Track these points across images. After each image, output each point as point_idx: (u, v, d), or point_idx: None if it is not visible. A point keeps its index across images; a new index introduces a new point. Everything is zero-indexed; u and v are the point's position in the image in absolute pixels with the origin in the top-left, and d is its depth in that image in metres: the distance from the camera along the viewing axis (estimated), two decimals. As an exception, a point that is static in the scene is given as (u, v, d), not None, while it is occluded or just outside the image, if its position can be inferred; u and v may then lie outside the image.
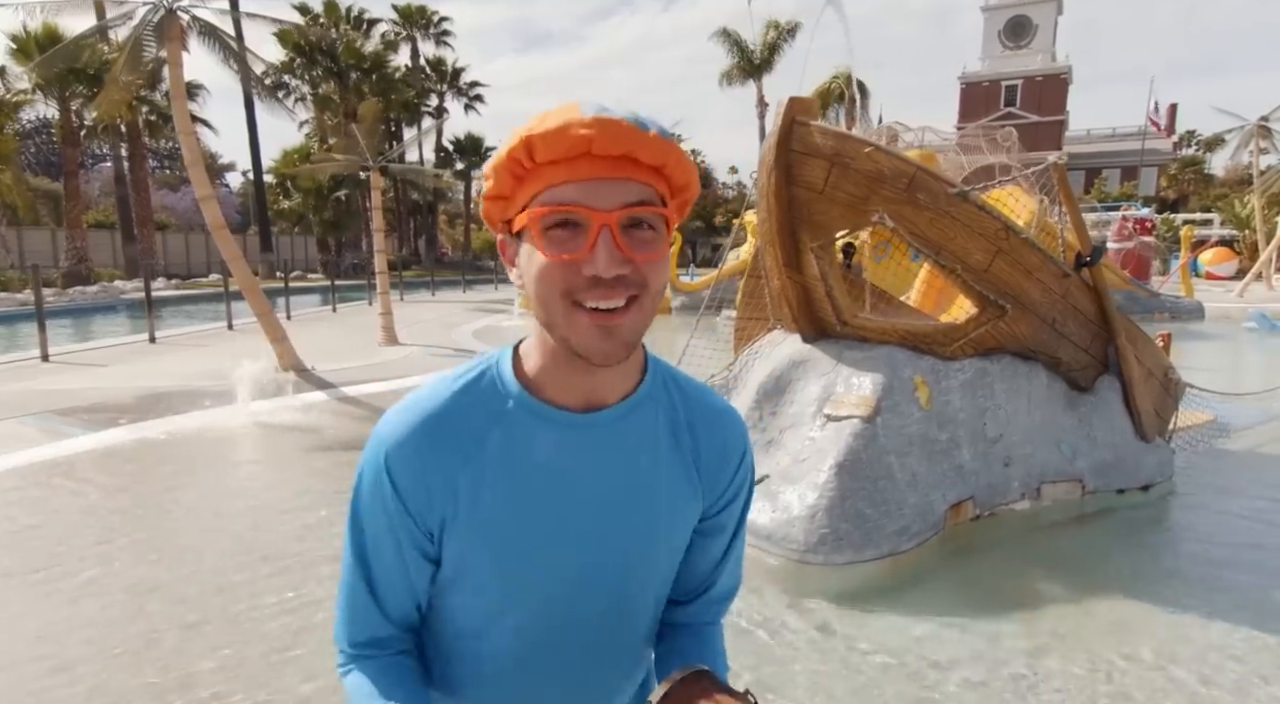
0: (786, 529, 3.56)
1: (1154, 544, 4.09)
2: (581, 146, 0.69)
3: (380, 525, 0.82)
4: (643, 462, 0.85)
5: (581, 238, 0.70)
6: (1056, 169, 4.23)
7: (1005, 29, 53.48)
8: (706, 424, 0.90)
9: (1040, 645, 2.96)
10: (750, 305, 5.21)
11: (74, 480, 5.02)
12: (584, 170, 0.70)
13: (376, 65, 36.41)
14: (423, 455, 0.79)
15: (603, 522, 0.84)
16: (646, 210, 0.72)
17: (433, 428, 0.80)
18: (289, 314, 16.16)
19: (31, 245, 27.92)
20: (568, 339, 0.74)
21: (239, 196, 49.22)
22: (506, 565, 0.83)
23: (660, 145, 0.71)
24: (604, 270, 0.70)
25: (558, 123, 0.69)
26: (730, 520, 0.96)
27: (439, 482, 0.80)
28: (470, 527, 0.81)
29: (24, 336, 13.47)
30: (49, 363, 9.79)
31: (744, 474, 0.95)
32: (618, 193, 0.71)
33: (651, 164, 0.72)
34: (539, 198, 0.72)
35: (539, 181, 0.72)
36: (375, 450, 0.81)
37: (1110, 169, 51.93)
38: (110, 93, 9.31)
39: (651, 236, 0.73)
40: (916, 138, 14.24)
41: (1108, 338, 4.51)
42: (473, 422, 0.81)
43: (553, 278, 0.72)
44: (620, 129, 0.69)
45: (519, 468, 0.81)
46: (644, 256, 0.72)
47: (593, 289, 0.71)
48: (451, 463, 0.80)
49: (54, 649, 2.91)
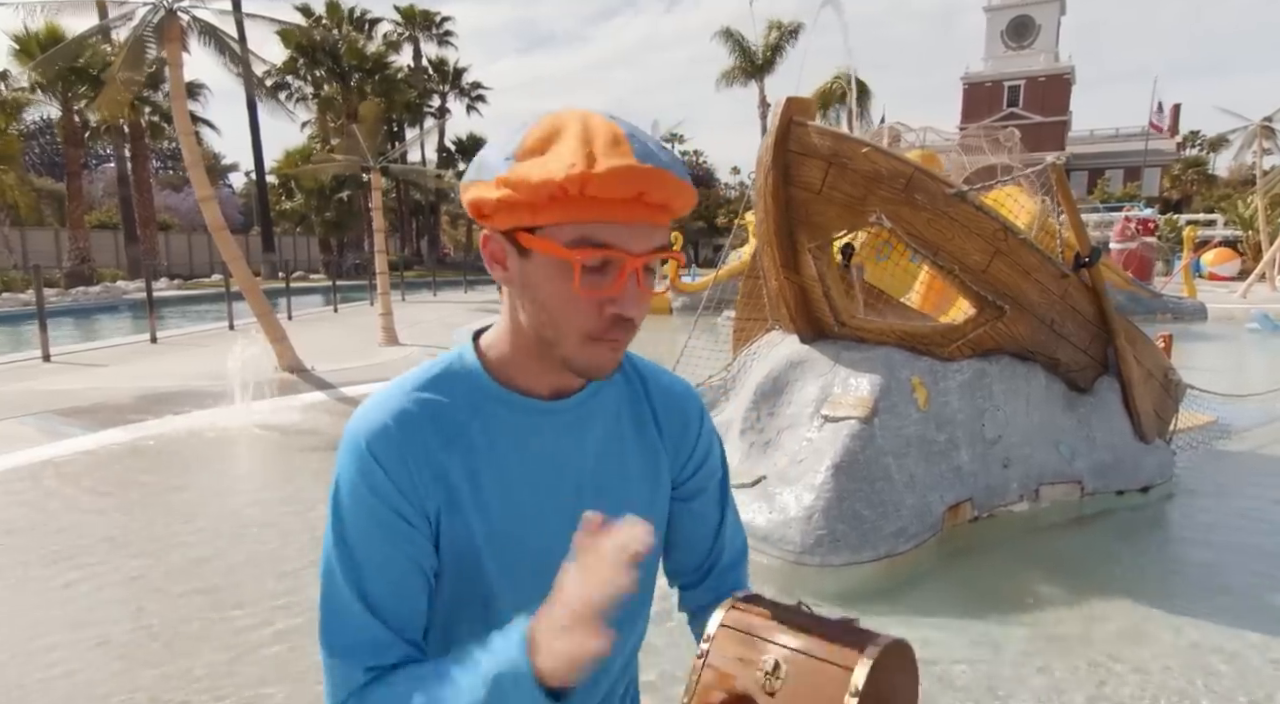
0: (783, 530, 3.55)
1: (1154, 546, 4.07)
2: (634, 193, 0.70)
3: (374, 526, 0.78)
4: (610, 439, 0.90)
5: (610, 276, 0.73)
6: (1054, 169, 4.21)
7: (1008, 29, 53.44)
8: (664, 397, 0.96)
9: (1039, 647, 2.95)
10: (749, 306, 5.20)
11: (71, 480, 5.02)
12: (630, 214, 0.72)
13: (378, 66, 36.50)
14: (406, 441, 0.79)
15: (582, 501, 0.84)
16: (666, 254, 0.77)
17: (410, 416, 0.80)
18: (290, 314, 16.18)
19: (35, 245, 28.04)
20: (573, 360, 0.78)
21: (242, 197, 49.36)
22: (500, 550, 0.83)
23: (691, 196, 0.75)
24: (631, 311, 0.75)
25: (618, 166, 0.69)
26: (709, 482, 1.00)
27: (426, 468, 0.79)
28: (466, 514, 0.81)
29: (27, 336, 13.49)
30: (50, 363, 9.81)
31: (707, 436, 1.00)
32: (650, 237, 0.74)
33: (678, 211, 0.76)
34: (572, 230, 0.71)
35: (579, 213, 0.71)
36: (353, 446, 0.79)
37: (1113, 169, 51.87)
38: (110, 92, 9.34)
39: (654, 271, 0.78)
40: (918, 138, 14.24)
41: (1107, 339, 4.49)
42: (449, 413, 0.82)
43: (580, 315, 0.75)
44: (669, 182, 0.72)
45: (500, 455, 0.83)
46: (651, 292, 0.77)
47: (613, 328, 0.76)
48: (435, 449, 0.80)
49: (49, 645, 2.91)
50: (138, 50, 8.10)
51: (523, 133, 0.74)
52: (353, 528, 0.78)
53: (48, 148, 41.95)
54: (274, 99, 11.64)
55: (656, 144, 0.75)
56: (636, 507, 0.88)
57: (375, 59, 36.48)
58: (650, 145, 0.74)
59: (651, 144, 0.74)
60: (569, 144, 0.70)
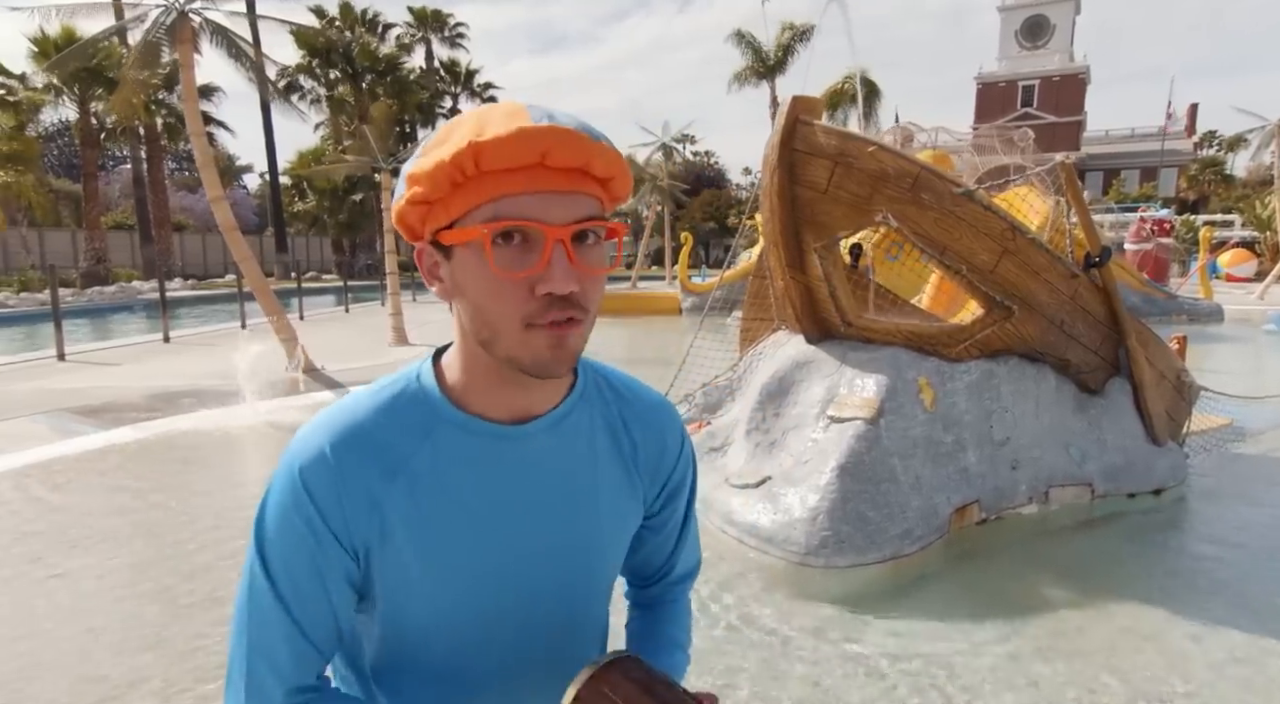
0: (787, 531, 3.52)
1: (1166, 549, 4.01)
2: (534, 157, 0.66)
3: (299, 554, 0.74)
4: (578, 469, 0.83)
5: (534, 253, 0.68)
6: (1064, 168, 4.17)
7: (1022, 29, 53.05)
8: (642, 421, 0.89)
9: (1047, 650, 2.91)
10: (756, 306, 5.18)
11: (81, 478, 5.06)
12: (536, 182, 0.67)
13: (391, 67, 36.68)
14: (343, 472, 0.73)
15: (540, 534, 0.81)
16: (596, 223, 0.70)
17: (352, 444, 0.74)
18: (302, 315, 16.29)
19: (52, 246, 28.36)
20: (516, 357, 0.71)
21: (256, 198, 49.72)
22: (439, 586, 0.78)
23: (612, 157, 0.70)
24: (560, 287, 0.67)
25: (509, 130, 0.65)
26: (676, 514, 0.96)
27: (361, 501, 0.74)
28: (400, 548, 0.75)
29: (44, 336, 13.64)
30: (65, 362, 9.92)
31: (684, 466, 0.94)
32: (570, 206, 0.68)
33: (603, 176, 0.70)
34: (482, 209, 0.67)
35: (481, 191, 0.67)
36: (288, 470, 0.74)
37: (1129, 170, 51.36)
38: (123, 92, 9.43)
39: (597, 250, 0.72)
40: (930, 139, 14.14)
41: (1118, 340, 4.44)
42: (396, 438, 0.76)
43: (507, 301, 0.69)
44: (577, 140, 0.67)
45: (450, 485, 0.77)
46: (591, 272, 0.70)
47: (549, 310, 0.69)
48: (373, 481, 0.74)
49: (58, 638, 2.93)
50: (150, 51, 8.18)
51: (430, 137, 0.72)
52: (276, 551, 0.74)
53: (65, 150, 42.40)
54: (286, 100, 11.71)
55: (570, 116, 0.69)
56: (602, 536, 0.86)
57: (388, 60, 36.67)
58: (557, 113, 0.69)
59: (561, 113, 0.69)
60: (463, 126, 0.68)
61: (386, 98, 33.82)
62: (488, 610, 0.81)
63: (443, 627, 0.80)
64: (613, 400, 0.88)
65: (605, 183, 0.71)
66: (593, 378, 0.87)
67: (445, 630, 0.80)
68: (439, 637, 0.81)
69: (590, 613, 0.91)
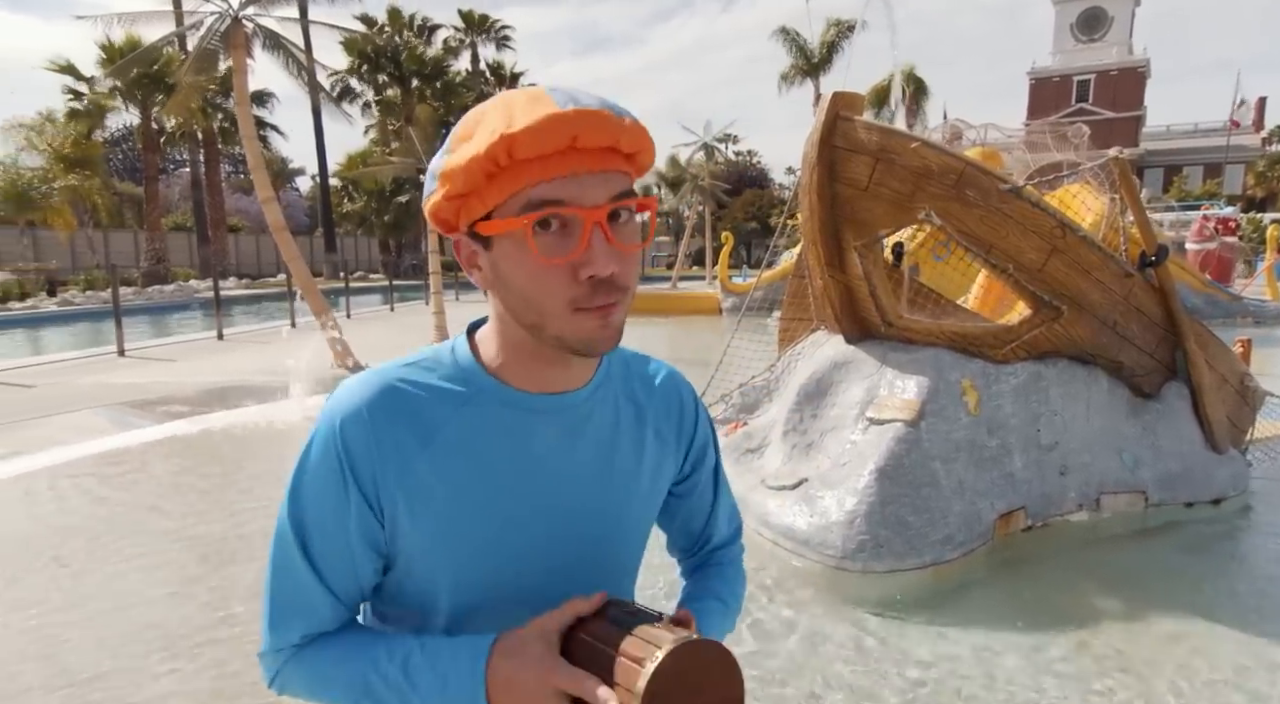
0: (824, 534, 3.46)
1: (1223, 561, 3.83)
2: (565, 141, 0.66)
3: (326, 504, 0.76)
4: (607, 440, 0.85)
5: (573, 237, 0.69)
6: (1117, 163, 4.01)
7: (1078, 22, 51.41)
8: (656, 387, 0.92)
9: (1092, 663, 2.80)
10: (795, 306, 5.11)
11: (137, 470, 5.26)
12: (569, 165, 0.68)
13: (437, 70, 37.31)
14: (377, 434, 0.75)
15: (570, 504, 0.83)
16: (630, 201, 0.71)
17: (389, 407, 0.76)
18: (349, 313, 16.66)
19: (116, 246, 29.56)
20: (563, 337, 0.73)
21: (308, 200, 51.06)
22: (468, 553, 0.79)
23: (636, 133, 0.70)
24: (602, 269, 0.68)
25: (539, 118, 0.65)
26: (705, 476, 0.99)
27: (392, 463, 0.75)
28: (430, 514, 0.77)
29: (107, 332, 14.21)
30: (125, 358, 10.32)
31: (704, 425, 0.97)
32: (603, 186, 0.69)
33: (630, 152, 0.71)
34: (518, 197, 0.68)
35: (516, 180, 0.68)
36: (327, 425, 0.76)
37: (1192, 166, 49.37)
38: (179, 95, 9.78)
39: (632, 226, 0.73)
40: (979, 135, 13.80)
41: (1175, 342, 4.26)
42: (431, 406, 0.78)
43: (553, 286, 0.70)
44: (603, 120, 0.67)
45: (482, 454, 0.78)
46: (630, 248, 0.72)
47: (594, 294, 0.70)
48: (407, 445, 0.76)
49: (131, 615, 3.05)
50: (204, 57, 8.45)
51: (454, 130, 0.73)
52: (310, 499, 0.77)
53: (129, 154, 44.15)
54: (336, 104, 12.00)
55: (588, 94, 0.70)
56: (631, 504, 0.87)
57: (434, 63, 37.31)
58: (578, 94, 0.69)
59: (581, 94, 0.69)
60: (490, 118, 0.69)
61: (433, 100, 34.45)
62: (516, 579, 0.81)
63: (471, 594, 0.81)
64: (630, 372, 0.91)
65: (632, 157, 0.72)
66: (611, 353, 0.87)
67: (473, 598, 0.81)
68: (467, 603, 0.81)
69: (620, 586, 0.91)
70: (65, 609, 3.23)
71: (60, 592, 3.41)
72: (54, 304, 18.86)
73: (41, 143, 23.79)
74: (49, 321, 17.18)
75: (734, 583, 1.02)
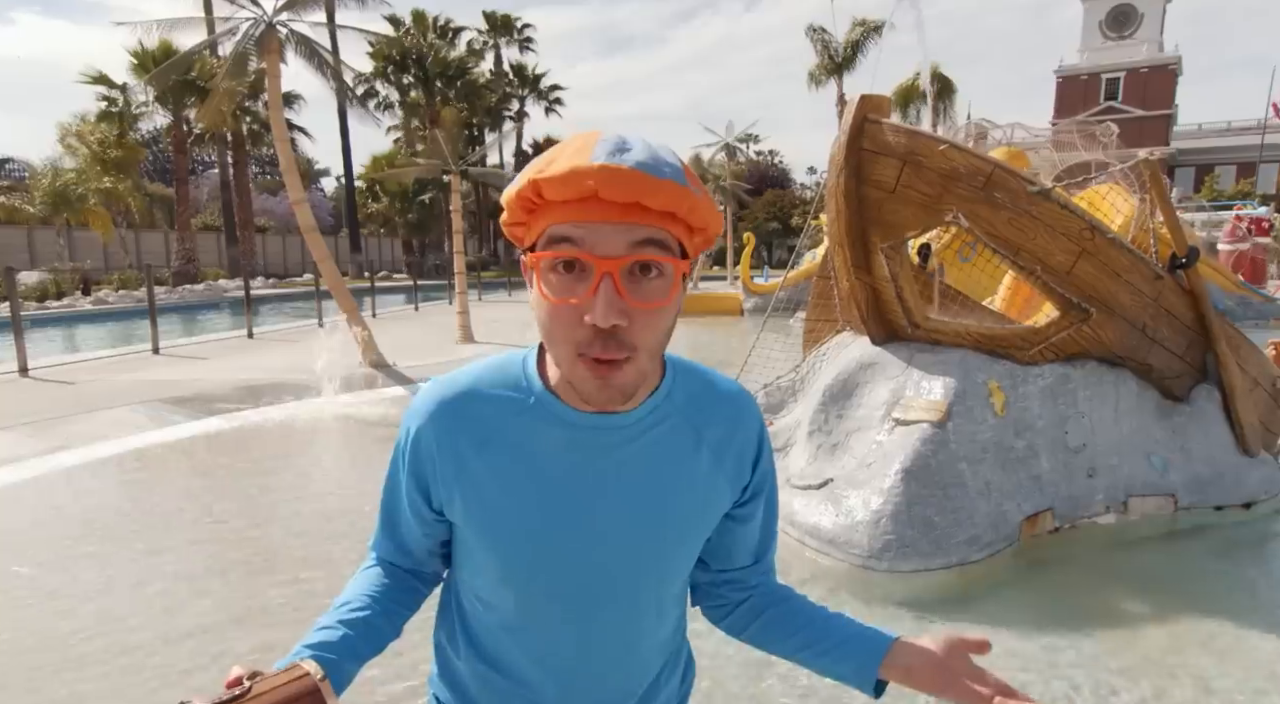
0: (850, 534, 3.49)
1: (1253, 565, 3.80)
2: (586, 192, 0.69)
3: (399, 480, 0.92)
4: (660, 462, 0.86)
5: (585, 282, 0.71)
6: (1147, 165, 3.99)
7: (1107, 18, 50.58)
8: (724, 413, 0.91)
9: (1120, 666, 2.80)
10: (820, 307, 5.13)
11: (175, 463, 5.41)
12: (589, 213, 0.69)
13: (461, 72, 37.61)
14: (441, 434, 0.86)
15: (615, 514, 0.86)
16: (652, 257, 0.71)
17: (455, 411, 0.86)
18: (374, 312, 16.87)
19: (147, 246, 30.17)
20: (571, 381, 0.76)
21: (332, 200, 51.71)
22: (509, 554, 0.87)
23: (671, 193, 0.69)
24: (601, 320, 0.69)
25: (565, 169, 0.69)
26: (759, 506, 0.98)
27: (452, 461, 0.86)
28: (478, 510, 0.86)
29: (140, 331, 14.56)
30: (159, 356, 10.56)
31: (765, 456, 0.96)
32: (624, 237, 0.70)
33: (662, 211, 0.71)
34: (546, 234, 0.72)
35: (546, 218, 0.72)
36: (410, 415, 0.90)
37: (1224, 165, 48.39)
38: (213, 101, 9.99)
39: (658, 284, 0.72)
40: (1005, 136, 13.66)
41: (1206, 344, 4.23)
42: (494, 413, 0.85)
43: (560, 325, 0.72)
44: (626, 178, 0.68)
45: (535, 462, 0.84)
46: (645, 305, 0.71)
47: (593, 342, 0.71)
48: (466, 446, 0.85)
49: (169, 599, 3.17)
50: (240, 62, 8.64)
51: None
52: (392, 472, 0.94)
53: (159, 155, 45.00)
54: (364, 107, 12.18)
55: (645, 148, 0.71)
56: (676, 524, 0.90)
57: (458, 65, 37.62)
58: (630, 147, 0.70)
59: (635, 148, 0.70)
60: (541, 159, 0.73)
61: (456, 102, 34.72)
62: (553, 575, 0.88)
63: (513, 585, 0.89)
64: (696, 395, 0.90)
65: (668, 216, 0.71)
66: (679, 373, 0.90)
67: (515, 588, 0.89)
68: (510, 591, 0.90)
69: (656, 598, 0.93)
70: (137, 585, 3.37)
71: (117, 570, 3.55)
72: (89, 303, 19.31)
73: (82, 146, 24.35)
74: (84, 320, 17.60)
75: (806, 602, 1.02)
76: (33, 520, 4.34)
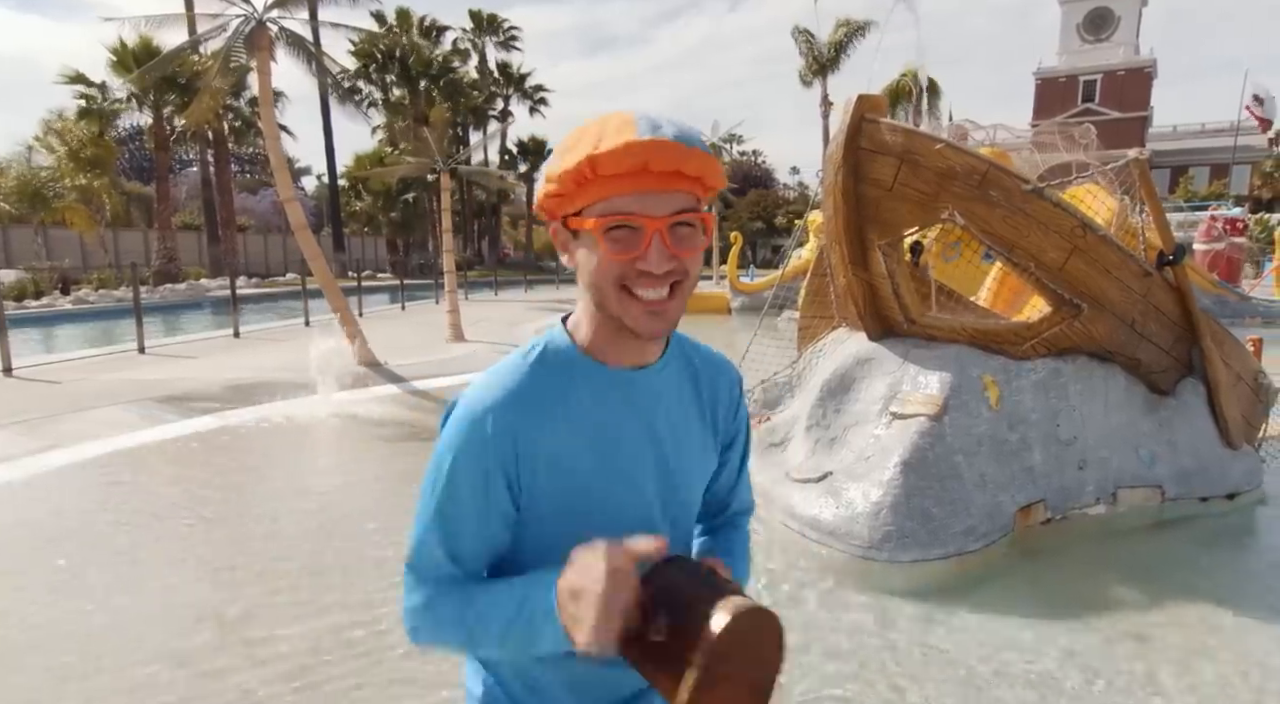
0: (850, 525, 3.57)
1: (1236, 554, 3.93)
2: (639, 165, 0.82)
3: (466, 478, 0.92)
4: (677, 409, 1.02)
5: (637, 239, 0.85)
6: (1137, 164, 4.10)
7: (1085, 22, 51.35)
8: (713, 372, 1.09)
9: (1112, 650, 2.90)
10: (815, 304, 5.21)
11: (173, 462, 5.38)
12: (641, 184, 0.84)
13: (444, 70, 37.42)
14: (507, 418, 0.91)
15: (663, 458, 0.99)
16: (691, 216, 0.87)
17: (514, 398, 0.92)
18: (361, 312, 16.76)
19: (125, 246, 29.72)
20: (620, 318, 0.89)
21: (313, 199, 51.24)
22: (583, 506, 0.95)
23: (703, 160, 0.85)
24: (656, 268, 0.85)
25: (619, 143, 0.81)
26: (735, 455, 1.15)
27: (522, 442, 0.91)
28: (556, 474, 0.93)
29: (121, 331, 14.38)
30: (145, 355, 10.45)
31: (743, 413, 1.14)
32: (668, 203, 0.85)
33: (694, 175, 0.86)
34: (599, 206, 0.85)
35: (600, 190, 0.85)
36: (468, 414, 0.92)
37: (1198, 167, 49.27)
38: (202, 100, 9.91)
39: (691, 234, 0.88)
40: (987, 136, 13.85)
41: (1191, 340, 4.35)
42: (551, 387, 0.94)
43: (609, 270, 0.86)
44: (672, 149, 0.82)
45: (593, 419, 0.95)
46: (687, 253, 0.87)
47: (641, 278, 0.86)
48: (532, 425, 0.92)
49: (174, 600, 3.17)
50: (228, 60, 8.57)
51: (563, 138, 0.89)
52: (449, 479, 0.92)
53: (136, 153, 44.32)
54: (355, 105, 12.12)
55: (672, 122, 0.85)
56: (696, 466, 1.05)
57: (441, 64, 37.43)
58: (661, 122, 0.84)
59: (665, 123, 0.84)
60: (587, 135, 0.85)
61: (440, 101, 34.54)
62: (626, 518, 0.97)
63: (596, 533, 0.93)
64: (691, 358, 1.08)
65: (697, 180, 0.86)
66: (676, 339, 1.06)
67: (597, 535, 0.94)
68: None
69: (683, 530, 1.08)
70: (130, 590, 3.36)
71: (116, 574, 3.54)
72: (69, 302, 19.02)
73: (58, 143, 23.96)
74: (64, 319, 17.35)
75: (743, 546, 1.20)
76: (18, 519, 4.31)
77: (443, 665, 2.67)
